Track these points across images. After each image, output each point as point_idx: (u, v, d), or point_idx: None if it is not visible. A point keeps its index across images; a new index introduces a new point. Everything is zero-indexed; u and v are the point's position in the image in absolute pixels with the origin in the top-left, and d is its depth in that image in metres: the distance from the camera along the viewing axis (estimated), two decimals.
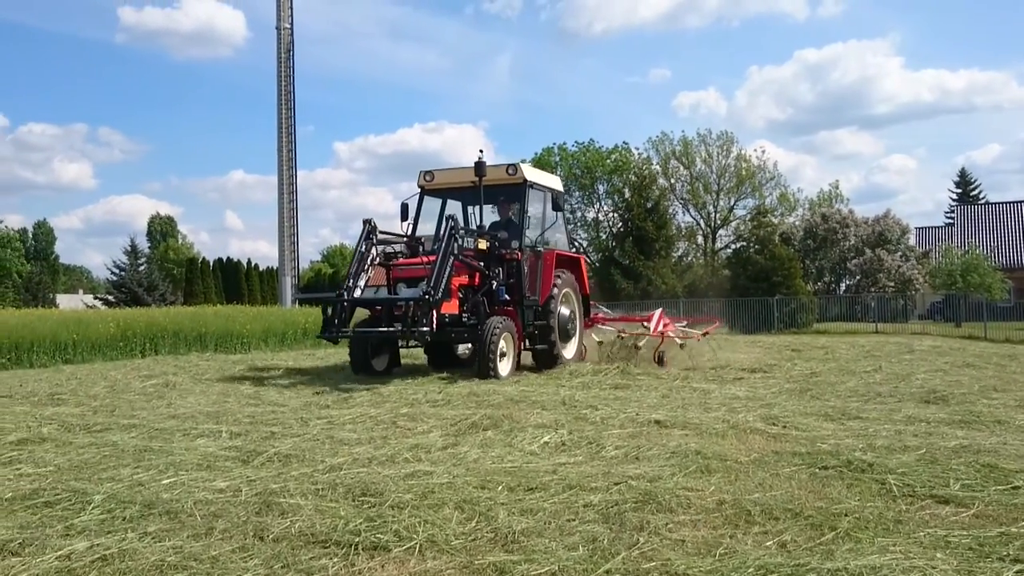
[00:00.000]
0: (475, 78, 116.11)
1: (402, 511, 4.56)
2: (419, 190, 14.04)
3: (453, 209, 14.04)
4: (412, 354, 15.38)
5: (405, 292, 11.86)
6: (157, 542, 4.13)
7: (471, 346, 13.33)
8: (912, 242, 48.99)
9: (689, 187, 55.36)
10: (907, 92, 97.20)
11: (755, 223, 43.83)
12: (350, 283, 11.79)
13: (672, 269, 46.21)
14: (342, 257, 76.30)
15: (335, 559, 3.90)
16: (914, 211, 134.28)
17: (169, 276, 57.86)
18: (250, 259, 55.28)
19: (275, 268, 48.11)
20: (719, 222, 56.13)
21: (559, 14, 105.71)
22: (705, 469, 5.64)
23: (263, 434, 7.26)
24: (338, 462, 5.96)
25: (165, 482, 5.41)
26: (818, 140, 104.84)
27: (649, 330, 14.53)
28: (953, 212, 62.07)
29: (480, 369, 11.72)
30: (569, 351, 13.99)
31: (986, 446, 6.36)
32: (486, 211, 13.87)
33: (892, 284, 42.14)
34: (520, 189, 13.43)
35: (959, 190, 75.26)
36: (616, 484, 5.17)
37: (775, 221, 49.74)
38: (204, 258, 55.83)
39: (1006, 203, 57.05)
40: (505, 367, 12.04)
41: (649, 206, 45.83)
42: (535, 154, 55.73)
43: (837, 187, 59.83)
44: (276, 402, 9.59)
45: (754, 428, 7.27)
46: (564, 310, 13.76)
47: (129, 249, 48.59)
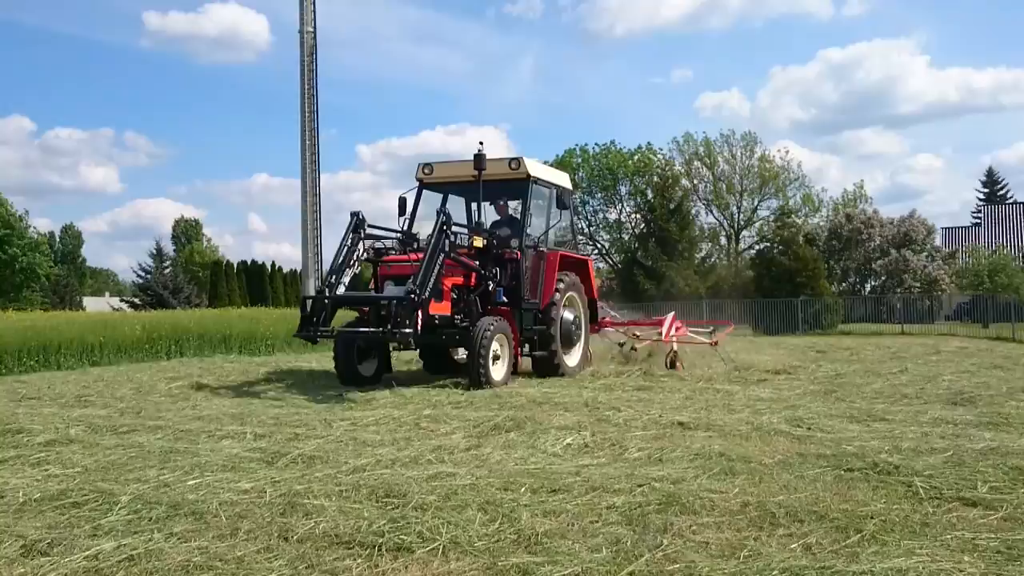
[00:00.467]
0: (497, 80, 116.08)
1: (425, 512, 4.57)
2: (417, 184, 13.34)
3: (455, 204, 13.44)
4: (411, 358, 14.74)
5: (389, 291, 11.04)
6: (183, 542, 4.17)
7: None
8: (938, 242, 48.59)
9: (712, 188, 55.10)
10: (933, 91, 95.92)
11: (779, 224, 43.58)
12: (332, 279, 11.00)
13: (695, 270, 45.98)
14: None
15: (359, 560, 3.92)
16: (940, 211, 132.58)
17: (194, 279, 58.28)
18: (274, 261, 55.71)
19: (299, 270, 48.38)
20: (743, 223, 55.81)
21: (581, 16, 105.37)
22: (729, 471, 5.61)
23: (287, 435, 7.30)
24: (362, 463, 5.99)
25: (191, 483, 5.45)
26: (842, 140, 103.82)
27: (661, 335, 14.00)
28: (980, 212, 61.38)
29: (471, 373, 10.98)
30: (572, 358, 13.27)
31: (1014, 448, 6.28)
32: (489, 208, 13.26)
33: (918, 285, 41.78)
34: (523, 185, 12.67)
35: (986, 190, 74.32)
36: (639, 486, 5.15)
37: (799, 222, 49.42)
38: (228, 261, 56.19)
39: None
40: (499, 372, 11.23)
41: (672, 207, 45.65)
42: (556, 156, 55.76)
43: (862, 187, 59.29)
44: (300, 404, 9.64)
45: (778, 430, 7.23)
46: (568, 315, 13.07)
47: (155, 252, 49.25)
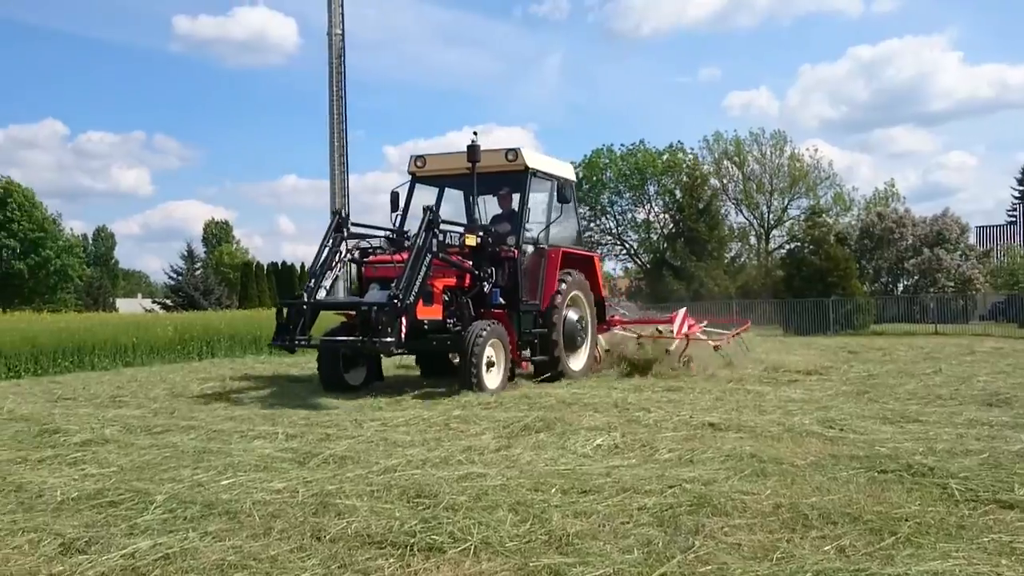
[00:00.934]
0: (524, 80, 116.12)
1: (456, 513, 4.58)
2: (410, 177, 12.60)
3: (452, 199, 12.86)
4: (407, 362, 14.11)
5: (371, 295, 10.33)
6: (217, 541, 4.21)
7: None
8: (972, 241, 47.83)
9: (742, 187, 54.76)
10: (965, 88, 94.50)
11: (809, 223, 43.25)
12: (311, 283, 10.39)
13: (725, 270, 45.79)
14: None
15: (391, 560, 3.94)
16: (974, 209, 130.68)
17: (224, 280, 58.83)
18: (303, 263, 55.91)
19: None
20: (772, 222, 55.42)
21: (607, 15, 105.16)
22: (761, 472, 5.57)
23: (318, 436, 7.35)
24: (392, 464, 6.02)
25: (224, 483, 5.50)
26: (873, 138, 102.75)
27: (672, 333, 13.30)
28: (1015, 210, 60.49)
29: (462, 381, 10.30)
30: (577, 362, 12.49)
31: None
32: (491, 203, 12.69)
33: (951, 284, 41.21)
34: (521, 177, 11.93)
35: (1021, 188, 73.22)
36: (670, 487, 5.13)
37: (830, 221, 49.01)
38: (258, 262, 56.68)
39: None
40: (493, 379, 10.50)
41: (701, 207, 45.50)
42: (584, 156, 55.71)
43: (893, 186, 58.60)
44: (330, 404, 9.69)
45: (810, 431, 7.16)
46: (572, 315, 12.32)
47: (186, 254, 49.78)
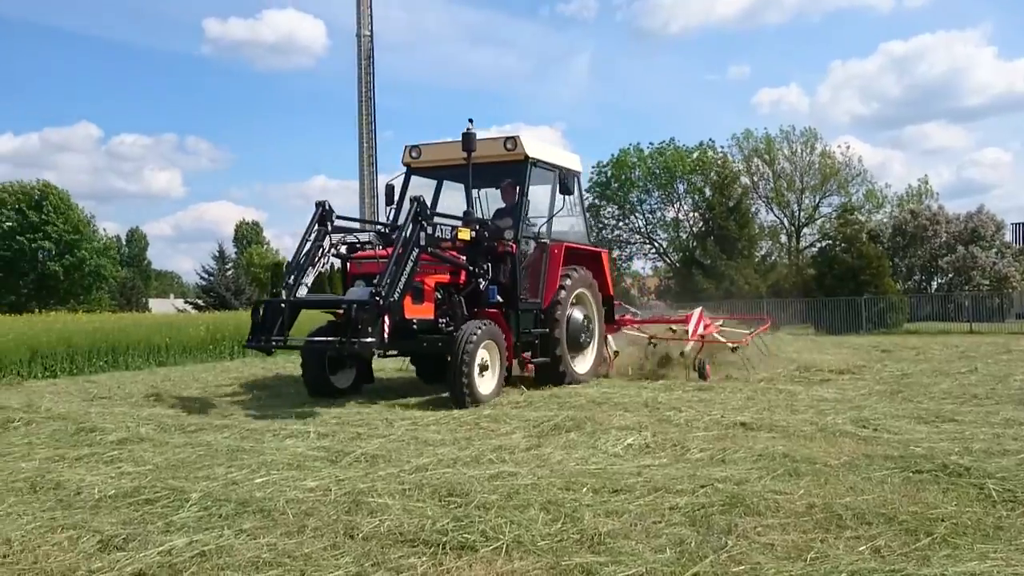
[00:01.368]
0: (552, 80, 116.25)
1: (488, 511, 4.59)
2: (404, 168, 12.02)
3: (454, 192, 12.14)
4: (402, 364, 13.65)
5: (352, 292, 9.70)
6: (252, 539, 4.25)
7: None
8: (1008, 238, 47.10)
9: (772, 185, 54.35)
10: (1000, 82, 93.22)
11: (841, 221, 42.88)
12: (290, 280, 9.62)
13: (755, 269, 45.49)
14: None
15: (423, 558, 3.96)
16: (1010, 206, 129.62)
17: (255, 280, 59.31)
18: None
19: None
20: (803, 220, 54.98)
21: (635, 14, 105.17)
22: (793, 472, 5.53)
23: (349, 435, 7.40)
24: (424, 462, 6.04)
25: (258, 481, 5.55)
26: (905, 135, 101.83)
27: (687, 334, 12.61)
28: None
29: (451, 388, 9.46)
30: (583, 365, 11.80)
31: None
32: (495, 196, 12.09)
33: (987, 282, 40.64)
34: (521, 167, 11.24)
35: None
36: (702, 487, 5.11)
37: (862, 219, 48.55)
38: (288, 262, 56.99)
39: None
40: (487, 385, 9.70)
41: (731, 205, 45.22)
42: (611, 155, 55.62)
43: (926, 182, 58.02)
44: (361, 402, 9.74)
45: (843, 431, 7.10)
46: (577, 314, 11.60)
47: (217, 255, 50.18)
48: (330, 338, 9.30)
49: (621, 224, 56.32)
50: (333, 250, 10.13)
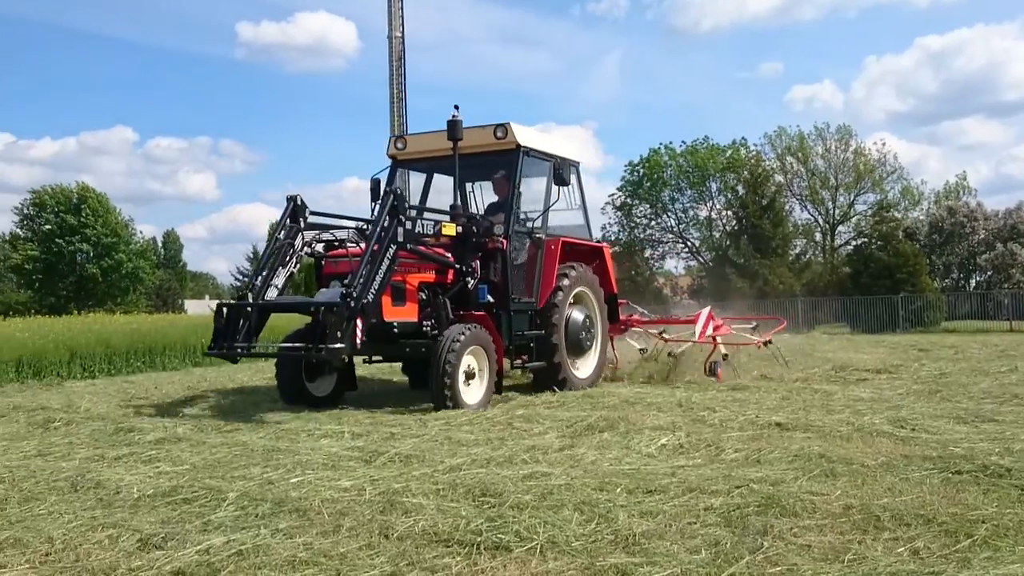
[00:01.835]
0: (583, 79, 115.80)
1: (522, 512, 4.59)
2: (390, 161, 11.33)
3: (444, 186, 11.43)
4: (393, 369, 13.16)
5: (323, 293, 9.13)
6: (288, 539, 4.28)
7: None
8: None
9: (806, 183, 53.82)
10: None
11: (877, 218, 42.45)
12: (257, 281, 9.09)
13: (789, 268, 45.10)
14: None
15: (458, 558, 3.96)
16: None
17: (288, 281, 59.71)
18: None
19: None
20: (838, 218, 54.36)
21: (665, 12, 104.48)
22: (830, 473, 5.47)
23: (383, 435, 7.43)
24: (457, 462, 6.05)
25: (293, 481, 5.59)
26: (942, 130, 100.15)
27: (695, 335, 12.11)
28: None
29: (433, 398, 8.84)
30: (584, 369, 11.14)
31: None
32: (488, 188, 11.46)
33: None
34: (512, 156, 10.50)
35: None
36: (737, 487, 5.07)
37: (898, 216, 47.98)
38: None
39: None
40: (473, 394, 9.06)
41: (765, 203, 44.86)
42: (640, 156, 55.42)
43: (964, 179, 57.29)
44: (394, 403, 9.78)
45: (881, 431, 7.01)
46: (576, 315, 10.96)
47: (251, 256, 50.58)
48: (296, 344, 8.87)
49: (653, 223, 56.07)
50: (306, 248, 9.56)
